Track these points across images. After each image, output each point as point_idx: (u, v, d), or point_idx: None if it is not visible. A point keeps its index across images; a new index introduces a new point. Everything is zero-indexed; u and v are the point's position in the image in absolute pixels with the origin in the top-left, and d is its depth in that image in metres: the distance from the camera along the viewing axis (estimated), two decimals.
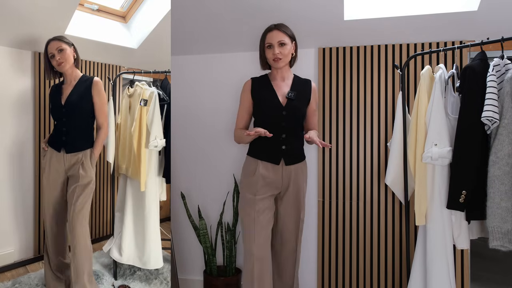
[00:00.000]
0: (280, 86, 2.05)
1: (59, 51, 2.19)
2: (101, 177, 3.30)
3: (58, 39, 2.22)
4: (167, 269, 2.71)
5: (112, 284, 2.55)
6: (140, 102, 2.44)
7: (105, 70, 3.29)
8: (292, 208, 2.07)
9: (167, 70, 2.64)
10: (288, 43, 1.98)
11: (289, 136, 2.00)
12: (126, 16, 3.19)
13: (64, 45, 2.21)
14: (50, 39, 2.22)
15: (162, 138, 2.46)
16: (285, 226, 2.09)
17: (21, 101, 2.73)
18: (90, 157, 2.27)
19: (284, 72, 2.07)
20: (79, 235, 2.17)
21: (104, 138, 2.36)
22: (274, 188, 2.02)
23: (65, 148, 2.25)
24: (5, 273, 2.65)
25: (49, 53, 2.21)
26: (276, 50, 1.96)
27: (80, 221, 2.18)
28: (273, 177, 2.00)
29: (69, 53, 2.23)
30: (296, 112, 2.01)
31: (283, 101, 2.01)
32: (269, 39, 1.98)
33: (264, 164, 2.00)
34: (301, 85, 2.08)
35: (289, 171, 2.02)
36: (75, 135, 2.25)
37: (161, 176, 2.60)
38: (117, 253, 2.55)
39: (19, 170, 2.74)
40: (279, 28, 1.99)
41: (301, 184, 2.07)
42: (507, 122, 1.59)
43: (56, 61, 2.20)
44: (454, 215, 1.81)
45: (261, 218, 1.96)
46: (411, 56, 2.08)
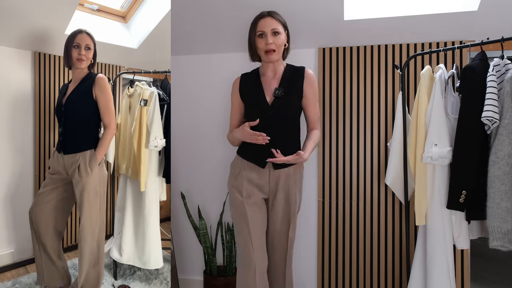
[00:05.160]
0: (269, 83, 1.87)
1: (86, 48, 2.16)
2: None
3: (89, 36, 2.18)
4: (167, 269, 2.71)
5: (112, 284, 2.55)
6: (140, 102, 2.44)
7: (105, 70, 3.29)
8: (281, 222, 1.88)
9: (167, 70, 2.64)
10: (282, 32, 1.80)
11: (277, 138, 1.80)
12: (126, 16, 3.19)
13: (92, 45, 2.19)
14: (80, 30, 2.16)
15: (162, 138, 2.46)
16: (273, 242, 1.91)
17: (21, 101, 2.73)
18: (90, 159, 2.12)
19: (276, 65, 1.88)
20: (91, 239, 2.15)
21: (111, 138, 2.20)
22: (261, 192, 1.87)
23: (63, 149, 2.17)
24: (5, 273, 2.65)
25: (75, 43, 2.13)
26: (269, 39, 1.77)
27: (88, 227, 2.12)
28: (258, 181, 1.85)
29: (91, 54, 2.20)
30: (285, 112, 1.82)
31: (270, 100, 1.82)
32: (261, 27, 1.79)
33: (249, 166, 1.86)
34: (292, 77, 1.87)
35: (277, 175, 1.84)
36: (72, 135, 2.16)
37: (161, 176, 2.60)
38: (117, 253, 2.55)
39: (19, 170, 2.74)
40: (273, 15, 1.81)
41: (292, 191, 1.86)
42: (507, 122, 1.59)
43: (79, 55, 2.14)
44: (454, 215, 1.81)
45: (252, 217, 1.82)
46: (411, 56, 2.08)
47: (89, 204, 2.12)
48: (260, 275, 1.82)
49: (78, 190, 2.11)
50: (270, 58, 1.80)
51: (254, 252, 1.80)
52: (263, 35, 1.80)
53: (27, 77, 2.76)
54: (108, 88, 2.20)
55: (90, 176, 2.11)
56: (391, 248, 2.41)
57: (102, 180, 2.19)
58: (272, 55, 1.79)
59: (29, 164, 2.80)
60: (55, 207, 2.24)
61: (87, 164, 2.12)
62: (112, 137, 2.24)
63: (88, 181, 2.11)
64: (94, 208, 2.14)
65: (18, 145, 2.73)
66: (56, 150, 2.24)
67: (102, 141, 2.17)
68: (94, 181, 2.13)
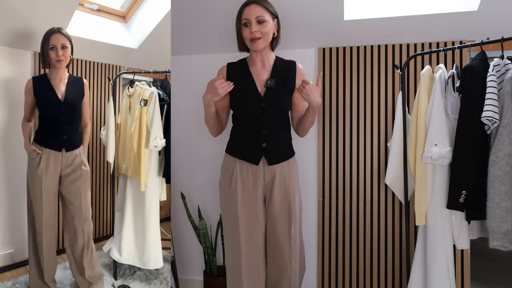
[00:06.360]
0: (259, 73, 1.78)
1: (62, 47, 2.17)
2: (101, 177, 3.30)
3: (63, 34, 2.18)
4: (167, 269, 2.71)
5: (112, 284, 2.55)
6: (140, 102, 2.44)
7: (105, 70, 3.29)
8: (280, 218, 1.78)
9: (167, 70, 2.64)
10: (269, 20, 1.70)
11: (271, 131, 1.73)
12: (126, 16, 3.19)
13: (68, 43, 2.20)
14: (53, 30, 2.17)
15: (162, 138, 2.46)
16: (274, 241, 1.80)
17: (20, 101, 2.73)
18: (83, 154, 2.33)
19: (264, 55, 1.78)
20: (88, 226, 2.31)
21: (90, 134, 2.50)
22: (256, 192, 1.77)
23: (65, 147, 2.23)
24: (5, 273, 2.65)
25: (50, 44, 2.15)
26: (253, 27, 1.67)
27: (88, 213, 2.30)
28: (253, 180, 1.75)
29: (69, 52, 2.22)
30: (278, 103, 1.73)
31: (262, 90, 1.73)
32: (246, 15, 1.70)
33: (242, 164, 1.76)
34: (284, 69, 1.79)
35: (272, 172, 1.76)
36: (73, 133, 2.28)
37: (161, 176, 2.60)
38: (117, 253, 2.55)
39: (19, 170, 2.74)
40: (258, 2, 1.70)
41: (290, 185, 1.78)
42: (507, 122, 1.59)
43: (57, 57, 2.16)
44: (454, 215, 1.81)
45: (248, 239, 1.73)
46: (411, 56, 2.08)
47: (85, 193, 2.31)
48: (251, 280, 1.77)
49: (79, 183, 2.27)
50: (255, 47, 1.72)
51: (246, 261, 1.75)
52: (247, 24, 1.70)
53: (27, 77, 2.75)
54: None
55: (87, 168, 2.33)
56: (391, 248, 2.41)
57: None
58: (256, 43, 1.70)
59: None
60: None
61: (83, 158, 2.32)
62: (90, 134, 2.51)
63: (87, 172, 2.31)
64: (88, 196, 2.33)
65: (18, 145, 2.73)
66: (49, 150, 2.20)
67: (86, 137, 2.42)
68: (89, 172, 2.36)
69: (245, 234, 1.76)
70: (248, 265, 1.77)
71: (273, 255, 1.83)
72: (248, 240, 1.77)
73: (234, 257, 1.79)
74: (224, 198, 1.83)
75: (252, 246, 1.78)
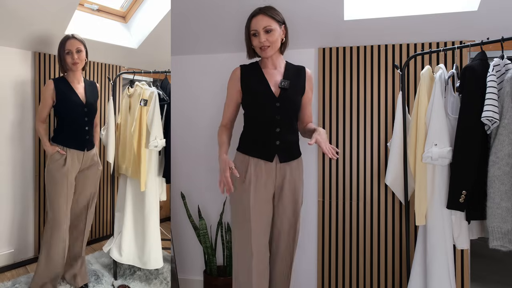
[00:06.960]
0: (272, 75, 1.86)
1: (77, 51, 2.29)
2: (101, 177, 3.30)
3: (78, 40, 2.31)
4: (167, 269, 2.71)
5: (112, 284, 2.55)
6: (140, 102, 2.44)
7: (105, 70, 3.29)
8: (289, 215, 1.88)
9: (167, 70, 2.64)
10: (276, 28, 1.78)
11: (284, 130, 1.82)
12: (126, 16, 3.19)
13: (82, 47, 2.32)
14: (68, 37, 2.30)
15: (162, 138, 2.46)
16: (279, 237, 1.90)
17: (21, 101, 2.73)
18: (95, 152, 2.50)
19: (275, 59, 1.88)
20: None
21: (98, 134, 2.64)
22: (268, 189, 1.84)
23: (87, 147, 2.39)
24: (5, 273, 2.65)
25: (66, 49, 2.28)
26: (262, 37, 1.77)
27: (93, 206, 2.52)
28: (266, 177, 1.82)
29: (84, 55, 2.34)
30: (291, 103, 1.83)
31: (276, 91, 1.82)
32: (254, 26, 1.79)
33: (255, 162, 1.82)
34: (295, 73, 1.90)
35: (283, 169, 1.84)
36: (93, 133, 2.47)
37: (161, 176, 2.60)
38: (117, 253, 2.55)
39: (19, 170, 2.74)
40: (265, 12, 1.78)
41: (298, 184, 1.89)
42: (507, 122, 1.59)
43: (73, 60, 2.29)
44: (454, 215, 1.81)
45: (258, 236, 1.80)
46: (411, 56, 2.08)
47: (96, 187, 2.53)
48: (260, 276, 1.82)
49: (95, 178, 2.49)
50: (264, 54, 1.82)
51: (256, 255, 1.81)
52: (256, 34, 1.80)
53: (27, 77, 2.76)
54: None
55: (101, 167, 2.53)
56: (391, 248, 2.41)
57: None
58: (266, 51, 1.80)
59: (29, 164, 2.80)
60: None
61: (97, 156, 2.50)
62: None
63: (100, 171, 2.52)
64: (96, 190, 2.54)
65: (18, 145, 2.73)
66: (73, 150, 2.32)
67: (97, 136, 2.57)
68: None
69: (256, 229, 1.82)
70: (257, 257, 1.83)
71: (276, 248, 1.93)
72: (258, 234, 1.82)
73: (243, 248, 1.83)
74: (239, 193, 1.86)
75: (260, 241, 1.84)
